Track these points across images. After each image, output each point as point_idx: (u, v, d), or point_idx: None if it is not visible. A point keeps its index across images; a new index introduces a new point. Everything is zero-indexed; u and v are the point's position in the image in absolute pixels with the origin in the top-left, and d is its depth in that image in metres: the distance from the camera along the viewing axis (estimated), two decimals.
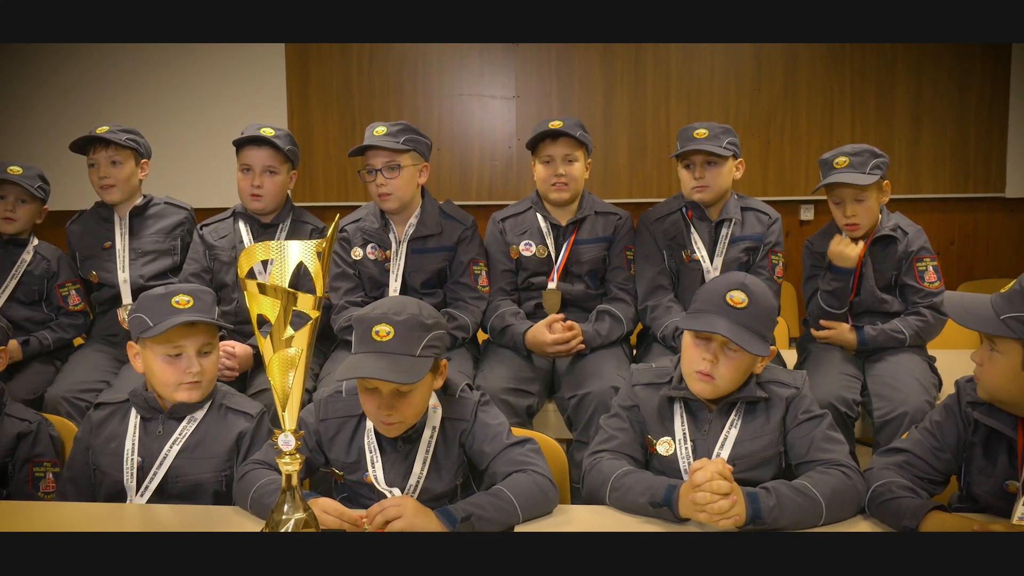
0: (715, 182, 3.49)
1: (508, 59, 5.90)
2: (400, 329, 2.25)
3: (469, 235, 3.59)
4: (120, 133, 3.67)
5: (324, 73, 5.93)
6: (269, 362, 1.88)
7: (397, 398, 2.27)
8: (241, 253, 2.00)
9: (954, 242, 5.93)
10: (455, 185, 5.92)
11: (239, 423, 2.59)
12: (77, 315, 3.71)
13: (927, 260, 3.37)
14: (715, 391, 2.39)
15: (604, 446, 2.47)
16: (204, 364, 2.56)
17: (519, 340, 3.44)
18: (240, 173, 3.57)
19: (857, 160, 3.29)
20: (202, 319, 2.53)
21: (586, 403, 3.23)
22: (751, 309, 2.34)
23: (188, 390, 2.54)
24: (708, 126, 3.50)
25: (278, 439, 1.93)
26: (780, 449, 2.41)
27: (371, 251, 3.55)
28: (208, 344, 2.57)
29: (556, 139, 3.53)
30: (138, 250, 3.71)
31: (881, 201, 3.36)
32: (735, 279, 2.42)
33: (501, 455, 2.37)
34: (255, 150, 3.54)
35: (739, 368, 2.37)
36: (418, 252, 3.52)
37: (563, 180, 3.53)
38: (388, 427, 2.32)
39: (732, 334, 2.30)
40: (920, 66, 5.74)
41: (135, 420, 2.57)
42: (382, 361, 2.22)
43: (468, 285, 3.56)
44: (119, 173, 3.66)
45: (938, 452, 2.31)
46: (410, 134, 3.47)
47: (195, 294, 2.56)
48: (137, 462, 2.51)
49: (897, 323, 3.32)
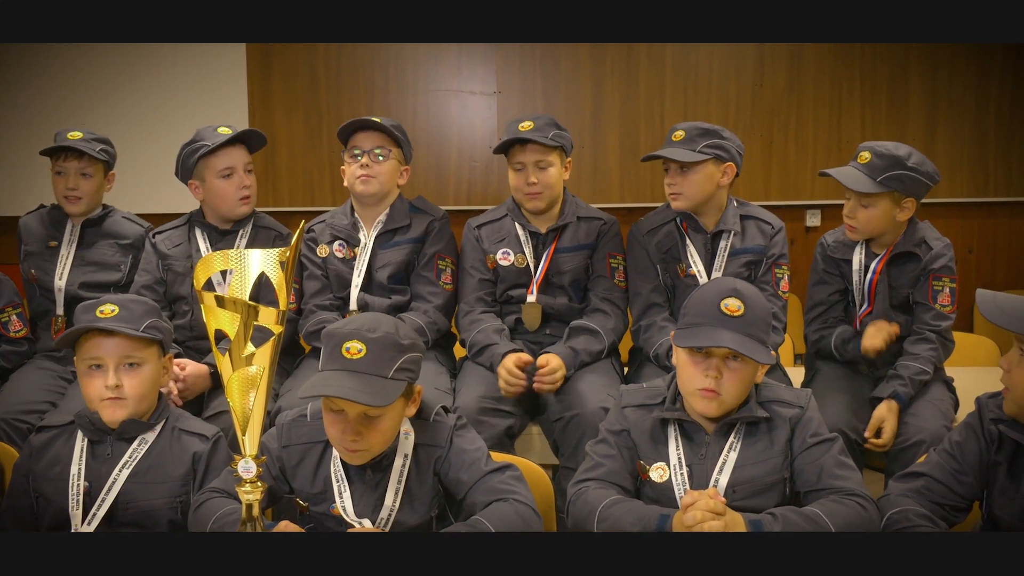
0: (688, 189, 3.41)
1: (489, 52, 5.90)
2: (373, 347, 2.26)
3: (437, 227, 3.62)
4: (93, 143, 3.69)
5: (288, 67, 5.91)
6: (228, 382, 1.88)
7: (364, 423, 2.27)
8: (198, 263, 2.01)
9: (972, 250, 5.97)
10: (430, 188, 5.89)
11: (194, 444, 2.59)
12: (20, 342, 3.66)
13: (945, 280, 3.33)
14: (721, 408, 2.39)
15: (590, 474, 2.47)
16: (127, 379, 2.54)
17: (496, 363, 3.39)
18: (219, 180, 3.55)
19: (879, 163, 3.23)
20: (112, 327, 2.51)
21: (574, 426, 3.21)
22: (748, 315, 2.35)
23: (110, 407, 2.53)
24: (688, 127, 3.43)
25: (238, 465, 1.93)
26: (785, 475, 2.41)
27: (338, 248, 3.59)
28: (131, 357, 2.55)
29: (525, 144, 3.50)
30: (84, 258, 3.71)
31: (897, 217, 3.29)
32: (726, 285, 2.42)
33: (479, 483, 2.37)
34: (233, 150, 3.56)
35: (744, 380, 2.37)
36: (386, 246, 3.57)
37: (536, 189, 3.50)
38: (352, 454, 2.32)
39: (739, 345, 2.30)
40: (935, 61, 5.79)
41: (82, 443, 2.57)
42: (351, 380, 2.22)
43: (429, 279, 3.58)
44: (88, 186, 3.70)
45: (959, 475, 2.32)
46: (401, 134, 3.57)
47: (123, 303, 2.56)
48: (84, 487, 2.51)
49: (915, 363, 3.24)
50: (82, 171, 3.68)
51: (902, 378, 3.21)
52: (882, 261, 3.35)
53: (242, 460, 1.93)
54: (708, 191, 3.44)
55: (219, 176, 3.55)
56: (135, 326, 2.54)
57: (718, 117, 5.68)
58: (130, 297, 2.65)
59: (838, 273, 3.47)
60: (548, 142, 3.47)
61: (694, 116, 5.60)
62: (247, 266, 1.88)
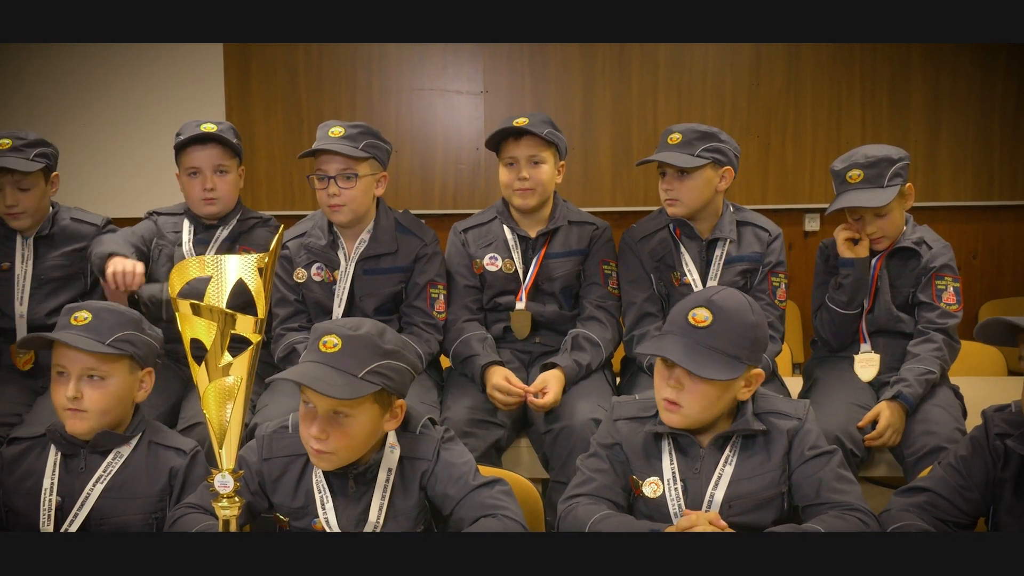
0: (687, 195, 3.42)
1: (476, 51, 5.89)
2: (349, 344, 2.27)
3: (428, 253, 3.53)
4: (26, 149, 3.46)
5: (267, 65, 5.88)
6: (204, 393, 1.87)
7: (332, 423, 2.27)
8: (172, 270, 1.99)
9: (977, 255, 5.98)
10: (415, 192, 5.90)
11: (170, 459, 2.58)
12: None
13: (948, 279, 3.36)
14: (685, 421, 2.40)
15: (580, 490, 2.47)
16: (88, 392, 2.51)
17: (478, 374, 3.39)
18: (186, 178, 3.53)
19: (873, 172, 3.28)
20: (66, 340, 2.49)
21: (563, 438, 3.21)
22: (715, 328, 2.35)
23: (71, 417, 2.52)
24: (685, 129, 3.43)
25: (214, 480, 1.93)
26: (783, 489, 2.42)
27: (316, 272, 3.49)
28: (94, 371, 2.53)
29: (519, 138, 3.48)
30: (41, 277, 3.57)
31: (905, 207, 3.37)
32: (702, 296, 2.43)
33: (467, 498, 2.38)
34: (201, 150, 3.52)
35: (707, 395, 2.37)
36: (370, 273, 3.48)
37: (528, 185, 3.49)
38: (317, 455, 2.31)
39: (682, 357, 2.32)
40: (938, 60, 5.80)
41: (55, 456, 2.56)
42: (318, 371, 2.24)
43: (422, 310, 3.50)
44: (28, 200, 3.49)
45: (964, 491, 2.32)
46: (371, 139, 3.42)
47: (98, 312, 2.55)
48: (56, 502, 2.50)
49: (920, 364, 3.24)
50: (18, 185, 3.45)
51: (906, 380, 3.20)
52: (881, 257, 3.39)
53: (219, 474, 1.92)
54: (707, 196, 3.44)
55: (186, 173, 3.54)
56: (102, 338, 2.52)
57: (713, 118, 5.68)
58: (110, 306, 2.62)
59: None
60: (543, 136, 3.46)
61: (689, 117, 5.61)
62: (224, 273, 1.88)
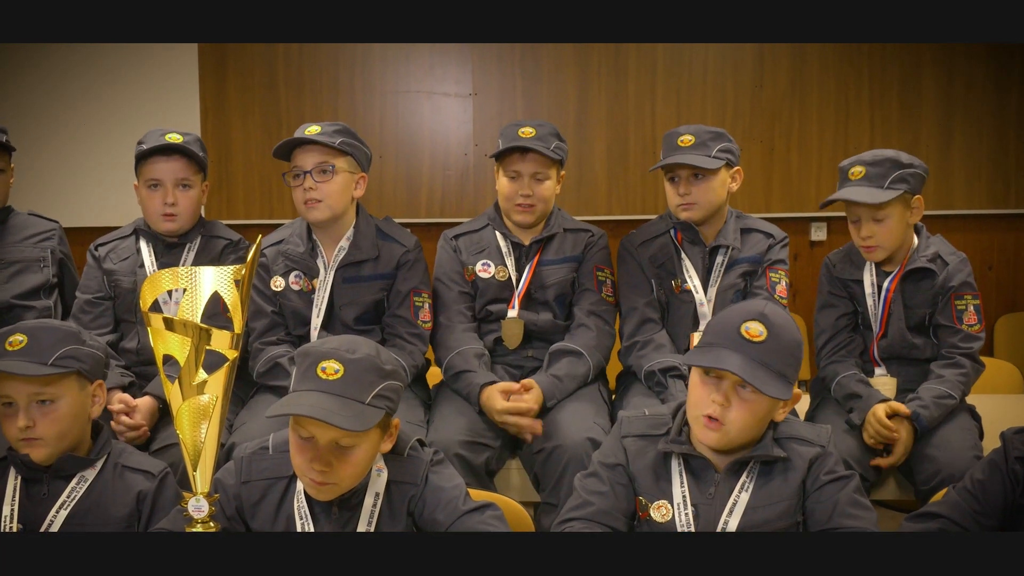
0: (704, 198, 3.47)
1: (464, 51, 5.89)
2: (351, 369, 2.26)
3: (411, 259, 3.54)
4: None
5: (244, 66, 5.87)
6: (178, 412, 1.87)
7: (336, 453, 2.26)
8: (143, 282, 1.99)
9: (992, 267, 5.99)
10: (400, 199, 5.89)
11: (138, 482, 2.57)
12: None
13: (968, 298, 3.35)
14: (723, 440, 2.36)
15: (576, 513, 2.45)
16: (39, 419, 2.50)
17: (473, 394, 3.39)
18: (146, 191, 3.51)
19: (875, 171, 3.27)
20: (5, 369, 2.46)
21: (556, 458, 3.20)
22: (770, 343, 2.32)
23: (28, 447, 2.51)
24: (696, 130, 3.48)
25: (188, 504, 1.92)
26: (799, 519, 2.40)
27: (295, 280, 3.50)
28: (41, 394, 2.51)
29: (526, 153, 3.52)
30: (3, 260, 3.64)
31: (909, 221, 3.33)
32: (753, 308, 2.40)
33: (457, 524, 2.37)
34: (164, 161, 3.50)
35: (754, 414, 2.35)
36: (350, 281, 3.49)
37: (529, 201, 3.53)
38: (318, 488, 2.30)
39: (745, 372, 2.28)
40: (951, 60, 5.81)
41: (15, 481, 2.55)
42: (327, 401, 2.21)
43: (406, 319, 3.51)
44: None
45: (980, 517, 2.31)
46: (348, 137, 3.45)
47: (34, 332, 2.53)
48: (16, 530, 2.49)
49: (941, 386, 3.23)
50: None
51: (922, 400, 3.18)
52: (895, 279, 3.37)
53: (193, 498, 1.92)
54: (722, 198, 3.52)
55: (146, 185, 3.52)
56: (43, 359, 2.50)
57: (714, 121, 5.63)
58: (44, 324, 2.61)
59: (846, 295, 3.48)
60: (550, 154, 3.50)
61: (688, 120, 5.55)
62: (199, 285, 1.88)
